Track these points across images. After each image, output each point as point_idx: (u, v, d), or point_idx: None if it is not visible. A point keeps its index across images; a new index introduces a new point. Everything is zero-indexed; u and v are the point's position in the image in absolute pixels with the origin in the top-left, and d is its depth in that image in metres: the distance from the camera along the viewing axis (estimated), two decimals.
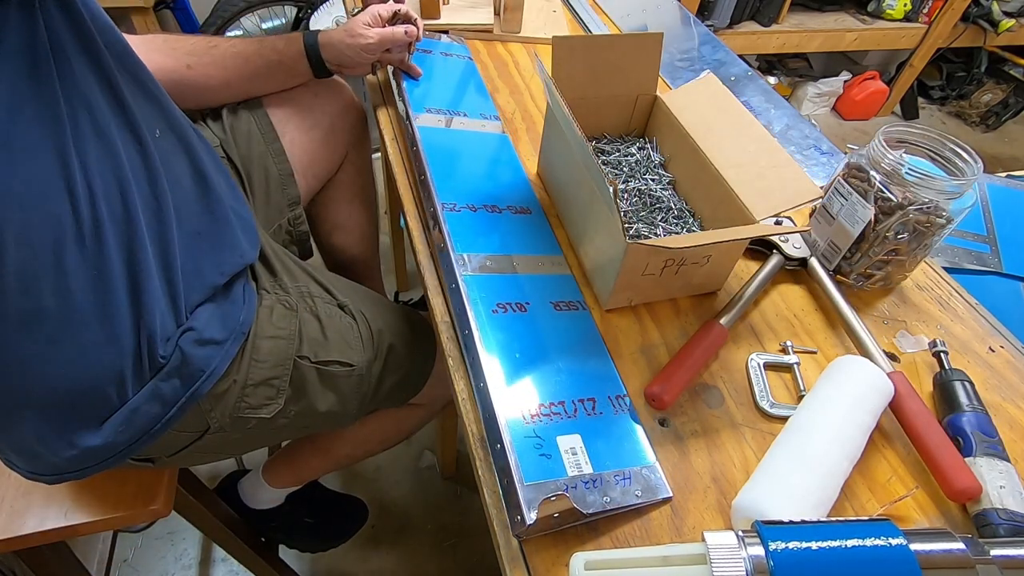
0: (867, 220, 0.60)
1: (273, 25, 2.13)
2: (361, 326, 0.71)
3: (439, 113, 0.79)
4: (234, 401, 0.61)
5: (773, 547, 0.32)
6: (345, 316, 0.71)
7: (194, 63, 0.71)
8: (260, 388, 0.62)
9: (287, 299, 0.68)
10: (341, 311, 0.71)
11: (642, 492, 0.46)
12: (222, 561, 1.12)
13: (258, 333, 0.63)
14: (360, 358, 0.70)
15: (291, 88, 0.82)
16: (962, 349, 0.62)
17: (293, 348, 0.65)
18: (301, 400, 0.66)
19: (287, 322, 0.66)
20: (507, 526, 0.43)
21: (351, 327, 0.71)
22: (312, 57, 0.77)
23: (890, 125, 0.62)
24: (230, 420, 0.62)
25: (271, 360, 0.63)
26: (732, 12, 2.15)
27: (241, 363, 0.61)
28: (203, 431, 0.61)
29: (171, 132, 0.57)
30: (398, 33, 0.78)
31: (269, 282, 0.69)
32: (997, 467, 0.48)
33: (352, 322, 0.71)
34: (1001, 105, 2.67)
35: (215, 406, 0.60)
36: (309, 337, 0.66)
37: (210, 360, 0.57)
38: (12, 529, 0.64)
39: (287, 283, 0.70)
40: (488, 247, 0.62)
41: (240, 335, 0.61)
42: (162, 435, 0.57)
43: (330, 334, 0.68)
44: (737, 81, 1.03)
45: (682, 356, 0.55)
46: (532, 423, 0.47)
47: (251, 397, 0.62)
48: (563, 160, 0.66)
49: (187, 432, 0.61)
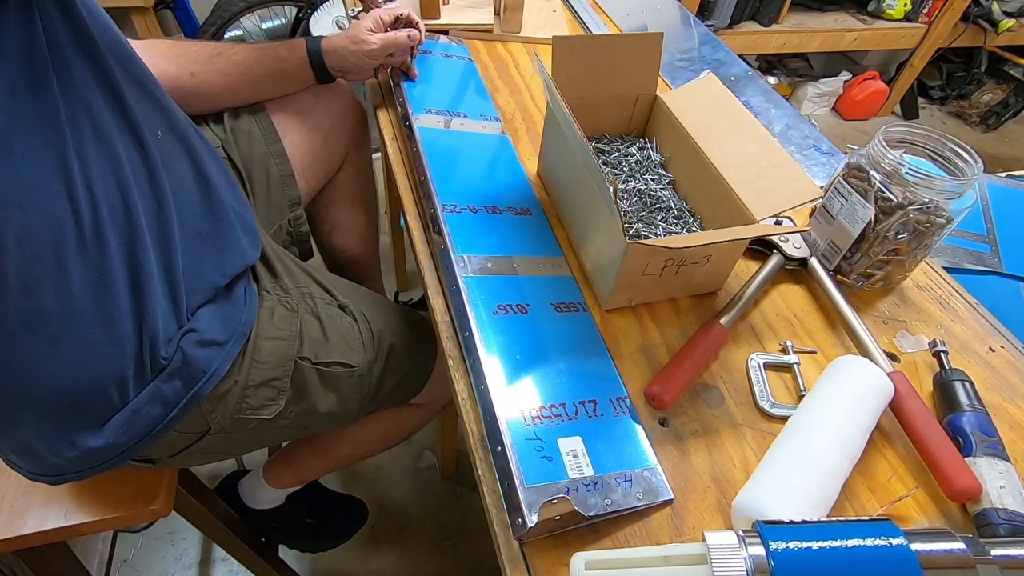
0: (867, 220, 0.60)
1: (273, 25, 2.13)
2: (362, 327, 0.71)
3: (439, 114, 0.79)
4: (235, 402, 0.61)
5: (774, 547, 0.32)
6: (346, 317, 0.71)
7: (198, 71, 0.71)
8: (261, 389, 0.63)
9: (288, 300, 0.68)
10: (342, 312, 0.71)
11: (643, 494, 0.46)
12: (222, 561, 1.12)
13: (259, 334, 0.63)
14: (361, 359, 0.70)
15: None
16: (962, 349, 0.62)
17: (294, 349, 0.65)
18: (302, 401, 0.66)
19: (288, 323, 0.65)
20: (507, 526, 0.43)
21: (352, 328, 0.71)
22: (315, 64, 0.77)
23: (890, 125, 0.62)
24: (231, 421, 0.62)
25: (272, 361, 0.63)
26: (732, 12, 2.15)
27: (242, 364, 0.61)
28: (204, 432, 0.61)
29: (172, 133, 0.57)
30: (401, 38, 0.78)
31: (270, 283, 0.69)
32: (997, 467, 0.48)
33: (353, 323, 0.71)
34: (1001, 105, 2.67)
35: (216, 407, 0.60)
36: (310, 338, 0.66)
37: (211, 361, 0.57)
38: (12, 529, 0.64)
39: (288, 284, 0.69)
40: (488, 248, 0.62)
41: (241, 336, 0.61)
42: (163, 436, 0.57)
43: (331, 335, 0.68)
44: (737, 81, 1.03)
45: (682, 356, 0.55)
46: (533, 425, 0.47)
47: (252, 398, 0.62)
48: (563, 160, 0.66)
49: (188, 433, 0.61)
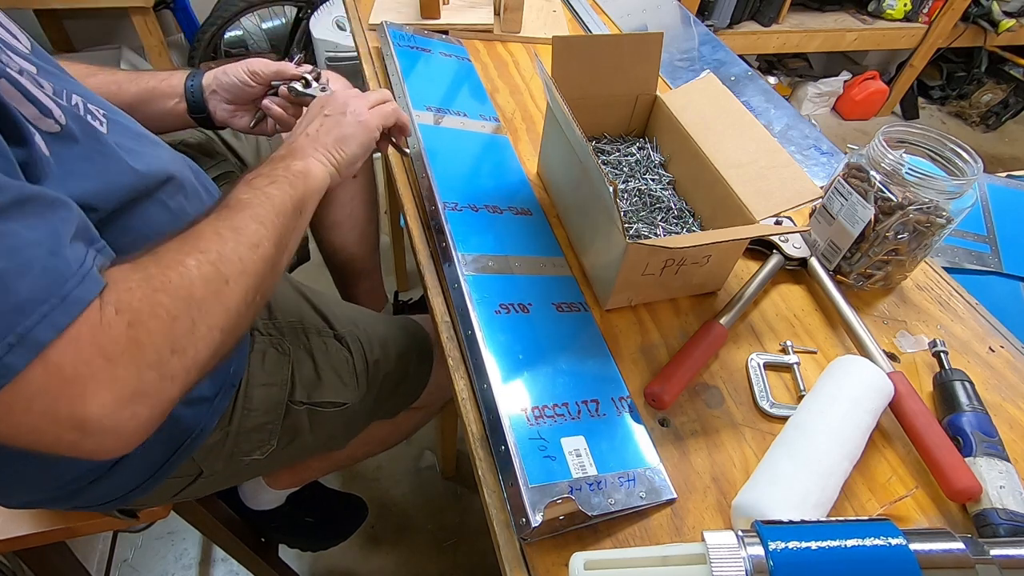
0: (867, 220, 0.60)
1: (273, 25, 2.13)
2: (357, 359, 0.69)
3: (439, 113, 0.79)
4: (227, 449, 0.60)
5: (773, 547, 0.32)
6: (342, 349, 0.69)
7: None
8: (253, 434, 0.61)
9: (280, 342, 0.65)
10: (338, 343, 0.69)
11: (646, 494, 0.46)
12: (222, 561, 1.12)
13: (250, 381, 0.61)
14: (354, 395, 0.68)
15: None
16: (962, 349, 0.62)
17: (285, 393, 0.63)
18: (294, 440, 0.65)
19: (280, 368, 0.63)
20: (507, 526, 0.44)
21: (346, 362, 0.69)
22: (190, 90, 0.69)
23: (890, 125, 0.62)
24: (223, 465, 0.61)
25: (263, 407, 0.62)
26: (732, 12, 2.15)
27: (233, 414, 0.60)
28: (196, 475, 0.61)
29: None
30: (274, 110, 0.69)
31: (262, 321, 0.66)
32: (997, 467, 0.48)
33: (348, 356, 0.69)
34: (1001, 105, 2.67)
35: (207, 455, 0.59)
36: (303, 378, 0.65)
37: (199, 419, 0.56)
38: (12, 529, 0.64)
39: (280, 320, 0.67)
40: (490, 247, 0.62)
41: (231, 387, 0.59)
42: (154, 488, 0.57)
43: (324, 373, 0.66)
44: (737, 81, 1.03)
45: (682, 356, 0.55)
46: (536, 425, 0.47)
47: (244, 443, 0.61)
48: (563, 160, 0.66)
49: (180, 478, 0.60)
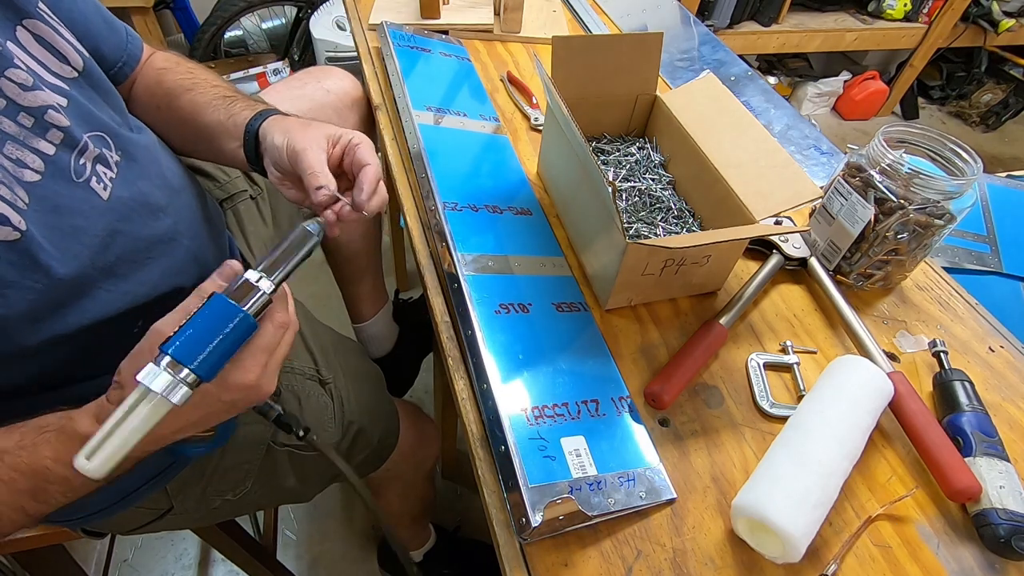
0: (867, 220, 0.60)
1: (273, 25, 2.12)
2: (336, 407, 0.69)
3: (439, 113, 0.79)
4: (202, 485, 0.59)
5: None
6: (324, 395, 0.69)
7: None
8: (230, 472, 0.61)
9: None
10: (322, 388, 0.69)
11: (646, 494, 0.46)
12: (222, 561, 1.12)
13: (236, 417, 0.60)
14: (330, 440, 0.68)
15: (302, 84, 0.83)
16: (962, 349, 0.62)
17: (269, 433, 0.63)
18: (270, 481, 0.65)
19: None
20: (507, 526, 0.44)
21: (327, 407, 0.68)
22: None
23: (890, 125, 0.62)
24: (194, 504, 0.60)
25: (244, 445, 0.61)
26: (732, 12, 2.15)
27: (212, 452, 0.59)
28: (165, 511, 0.60)
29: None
30: None
31: None
32: (997, 467, 0.48)
33: (329, 402, 0.69)
34: (1001, 105, 2.67)
35: (181, 490, 0.58)
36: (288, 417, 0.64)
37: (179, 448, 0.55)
38: None
39: None
40: (490, 247, 0.62)
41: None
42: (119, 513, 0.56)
43: (307, 416, 0.66)
44: (737, 81, 1.03)
45: (682, 356, 0.55)
46: (536, 425, 0.47)
47: (219, 482, 0.60)
48: (563, 160, 0.66)
49: (148, 509, 0.59)
